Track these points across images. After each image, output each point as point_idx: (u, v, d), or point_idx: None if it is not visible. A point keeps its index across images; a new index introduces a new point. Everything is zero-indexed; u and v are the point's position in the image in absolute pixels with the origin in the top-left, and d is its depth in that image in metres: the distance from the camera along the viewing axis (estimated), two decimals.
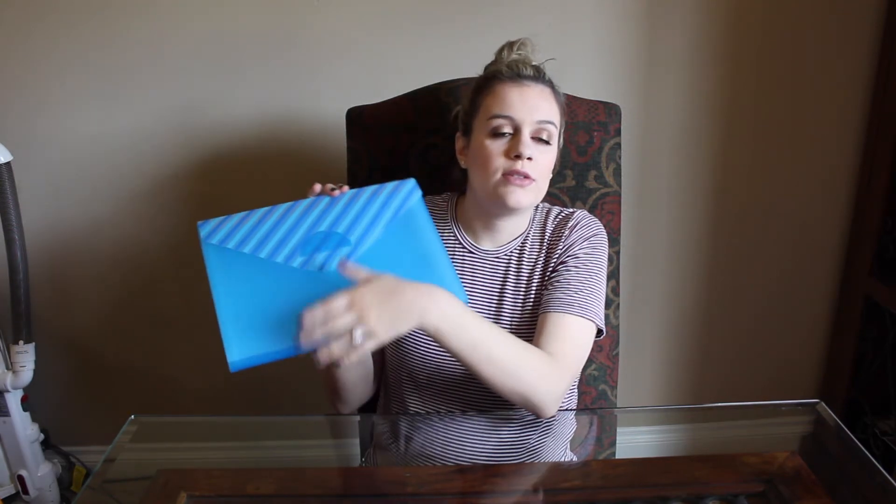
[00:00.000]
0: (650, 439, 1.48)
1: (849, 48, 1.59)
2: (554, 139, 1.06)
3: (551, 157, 1.06)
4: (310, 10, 1.53)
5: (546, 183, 1.08)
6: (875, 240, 1.63)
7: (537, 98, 1.04)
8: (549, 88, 1.07)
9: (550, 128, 1.04)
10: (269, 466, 1.11)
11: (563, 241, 1.09)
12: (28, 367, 1.56)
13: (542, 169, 1.05)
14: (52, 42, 1.54)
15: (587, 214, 1.13)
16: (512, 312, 1.09)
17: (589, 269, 1.07)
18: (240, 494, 1.00)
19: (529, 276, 1.10)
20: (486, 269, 1.11)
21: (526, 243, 1.12)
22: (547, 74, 1.08)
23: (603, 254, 1.11)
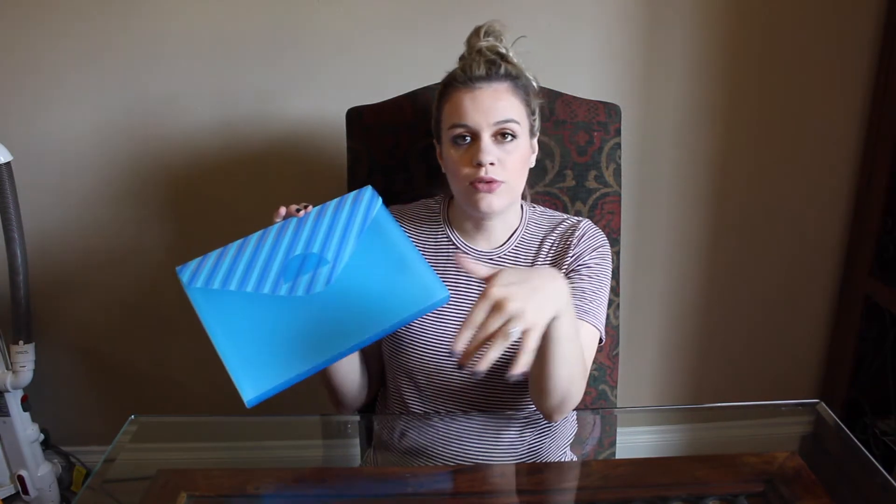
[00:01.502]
0: (650, 439, 1.48)
1: (849, 48, 1.59)
2: (520, 132, 1.04)
3: (520, 153, 1.04)
4: (310, 9, 1.53)
5: (520, 177, 1.06)
6: (875, 240, 1.63)
7: (491, 99, 1.02)
8: (507, 82, 1.04)
9: (511, 125, 1.02)
10: (269, 466, 1.11)
11: (571, 249, 1.10)
12: (28, 367, 1.56)
13: (510, 168, 1.03)
14: (53, 42, 1.54)
15: (591, 224, 1.14)
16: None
17: (599, 279, 1.09)
18: (240, 494, 1.00)
19: None
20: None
21: (522, 244, 1.12)
22: (505, 67, 1.04)
23: (609, 265, 1.12)
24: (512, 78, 1.04)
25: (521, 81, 1.05)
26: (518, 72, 1.05)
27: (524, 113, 1.05)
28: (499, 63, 1.04)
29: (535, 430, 1.10)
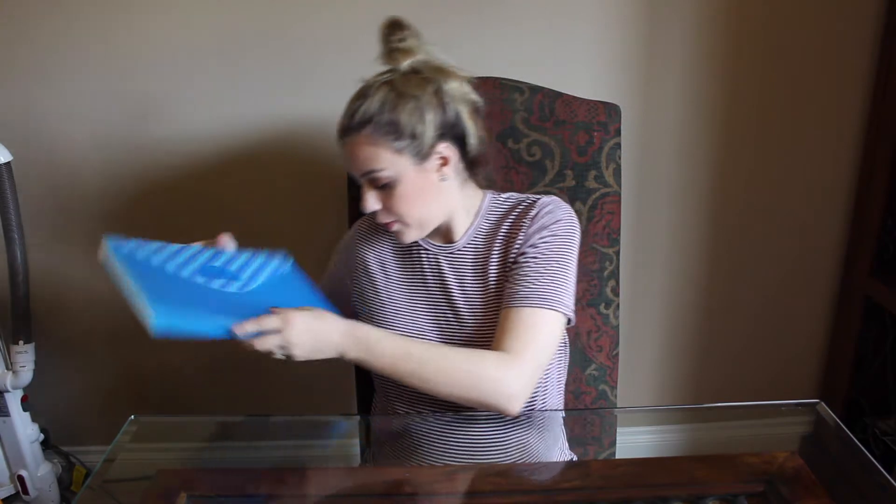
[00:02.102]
0: (650, 439, 1.48)
1: (849, 48, 1.59)
2: (394, 174, 0.99)
3: (403, 192, 1.01)
4: (309, 10, 1.53)
5: (418, 209, 1.03)
6: (875, 240, 1.63)
7: (355, 152, 1.01)
8: (362, 131, 0.99)
9: (376, 174, 1.00)
10: (269, 466, 1.11)
11: (522, 231, 1.05)
12: (28, 367, 1.56)
13: (396, 209, 1.02)
14: (53, 42, 1.54)
15: (552, 200, 1.08)
16: (473, 308, 1.07)
17: (549, 258, 1.03)
18: (240, 494, 1.00)
19: (484, 270, 1.08)
20: (441, 265, 1.10)
21: (478, 236, 1.10)
22: (359, 115, 0.99)
23: (567, 240, 1.06)
24: (366, 123, 0.99)
25: (379, 120, 0.98)
26: (371, 113, 0.98)
27: (389, 153, 0.99)
28: (353, 113, 1.00)
29: (517, 429, 1.09)
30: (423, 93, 0.99)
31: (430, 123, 1.00)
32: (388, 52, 1.03)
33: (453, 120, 1.02)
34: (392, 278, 1.13)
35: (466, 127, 1.04)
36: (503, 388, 0.96)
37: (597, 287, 1.33)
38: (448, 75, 1.02)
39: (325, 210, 1.65)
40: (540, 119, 1.30)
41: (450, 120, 1.02)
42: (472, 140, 1.05)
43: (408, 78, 1.00)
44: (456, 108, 1.02)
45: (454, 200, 1.08)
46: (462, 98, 1.03)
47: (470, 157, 1.06)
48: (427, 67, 1.02)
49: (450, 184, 1.05)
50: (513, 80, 1.31)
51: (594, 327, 1.35)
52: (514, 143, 1.30)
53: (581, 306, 1.34)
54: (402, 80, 1.00)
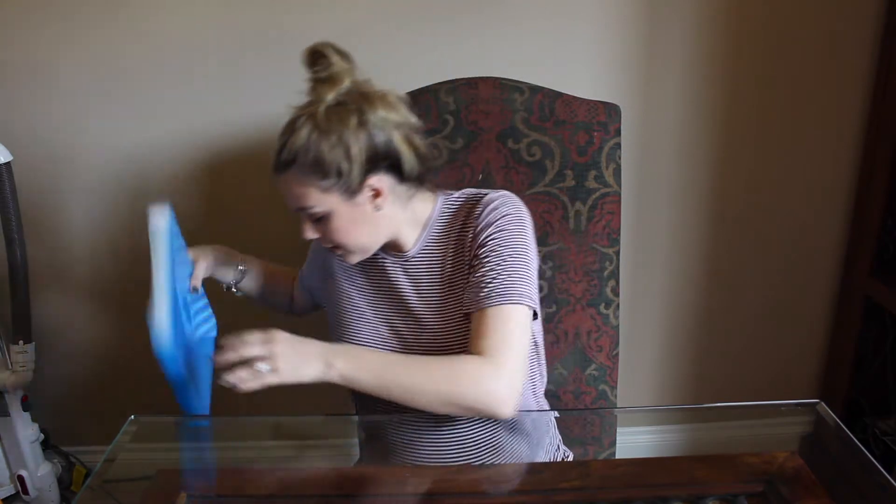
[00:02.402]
0: (650, 439, 1.48)
1: (849, 48, 1.59)
2: (325, 208, 0.99)
3: (338, 223, 1.00)
4: (309, 10, 1.53)
5: (356, 236, 1.02)
6: (875, 240, 1.63)
7: (285, 189, 1.00)
8: (288, 171, 0.98)
9: (309, 211, 1.00)
10: (269, 466, 1.11)
11: (470, 232, 1.04)
12: (28, 367, 1.56)
13: (335, 238, 1.02)
14: (53, 43, 1.54)
15: (499, 196, 1.06)
16: (432, 314, 1.07)
17: (501, 254, 1.01)
18: (240, 494, 1.00)
19: (441, 274, 1.07)
20: (398, 274, 1.10)
21: (430, 242, 1.09)
22: (284, 156, 0.98)
23: (517, 232, 1.03)
24: (291, 163, 0.97)
25: (304, 160, 0.97)
26: (295, 152, 0.97)
27: (317, 192, 0.98)
28: (280, 150, 0.99)
29: (491, 429, 1.09)
30: (346, 128, 0.95)
31: (356, 159, 0.96)
32: (311, 85, 1.00)
33: (383, 149, 0.98)
34: (355, 285, 1.14)
35: (400, 153, 0.99)
36: (490, 395, 0.95)
37: (597, 287, 1.33)
38: (374, 103, 0.98)
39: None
40: (540, 119, 1.30)
41: (379, 150, 0.98)
42: (408, 164, 1.01)
43: (331, 112, 0.96)
44: (386, 136, 0.98)
45: (396, 221, 1.05)
46: (392, 124, 0.99)
47: (410, 179, 1.03)
48: (352, 97, 0.98)
49: (387, 210, 1.03)
50: (513, 80, 1.31)
51: (594, 327, 1.35)
52: (514, 143, 1.30)
53: (581, 306, 1.34)
54: (325, 115, 0.96)
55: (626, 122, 1.35)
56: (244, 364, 0.92)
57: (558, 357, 1.35)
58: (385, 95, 1.00)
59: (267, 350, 0.92)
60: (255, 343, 0.92)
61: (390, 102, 1.00)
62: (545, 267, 1.33)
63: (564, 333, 1.34)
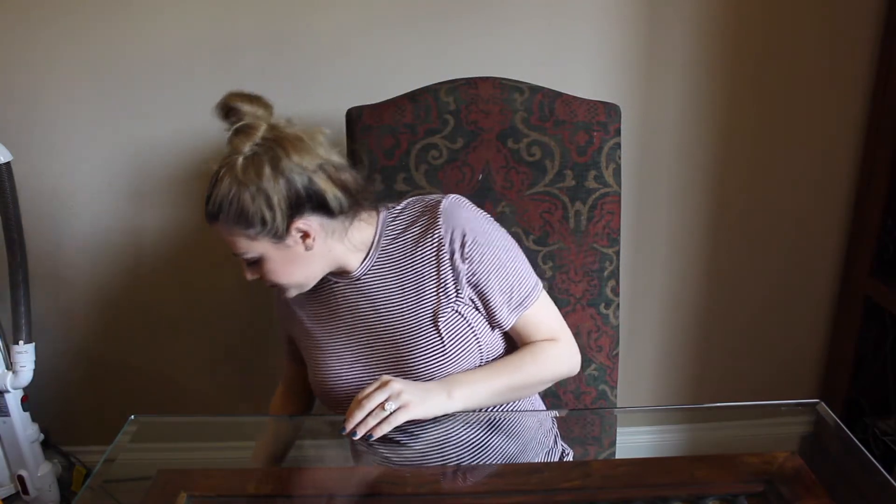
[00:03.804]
0: (650, 439, 1.48)
1: (849, 48, 1.59)
2: (258, 253, 1.01)
3: (269, 268, 1.02)
4: (309, 10, 1.52)
5: (293, 274, 1.04)
6: (875, 240, 1.63)
7: (220, 237, 1.02)
8: (217, 223, 1.00)
9: (245, 256, 1.01)
10: (268, 466, 1.11)
11: (437, 245, 1.05)
12: (28, 367, 1.56)
13: (271, 278, 1.03)
14: (53, 43, 1.54)
15: (448, 200, 1.07)
16: (395, 326, 1.07)
17: (499, 258, 1.07)
18: (240, 494, 1.00)
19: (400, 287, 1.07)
20: (352, 295, 1.10)
21: (381, 260, 1.09)
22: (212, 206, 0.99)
23: (491, 230, 1.08)
24: (217, 215, 0.99)
25: (228, 212, 0.98)
26: (219, 205, 0.98)
27: (245, 240, 1.00)
28: (206, 202, 1.01)
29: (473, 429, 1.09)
30: (263, 179, 0.96)
31: (278, 207, 0.97)
32: (228, 138, 1.00)
33: (305, 193, 0.99)
34: (313, 315, 1.14)
35: (323, 193, 1.00)
36: (572, 365, 1.14)
37: (597, 287, 1.34)
38: (288, 149, 0.98)
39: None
40: (540, 119, 1.30)
41: (300, 195, 0.98)
42: (335, 202, 1.01)
43: (248, 163, 0.97)
44: (305, 180, 0.98)
45: (334, 254, 1.06)
46: (311, 167, 0.99)
47: (341, 213, 1.03)
48: (268, 144, 0.98)
49: (320, 247, 1.03)
50: (513, 80, 1.31)
51: (594, 327, 1.35)
52: (514, 143, 1.30)
53: (581, 306, 1.34)
54: (242, 168, 0.97)
55: (626, 122, 1.35)
56: (371, 414, 0.96)
57: None
58: (299, 139, 0.99)
59: (387, 392, 0.96)
60: (373, 391, 0.97)
61: (306, 145, 0.99)
62: (545, 267, 1.33)
63: None
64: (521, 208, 1.32)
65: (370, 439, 0.96)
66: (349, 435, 0.96)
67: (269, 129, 1.00)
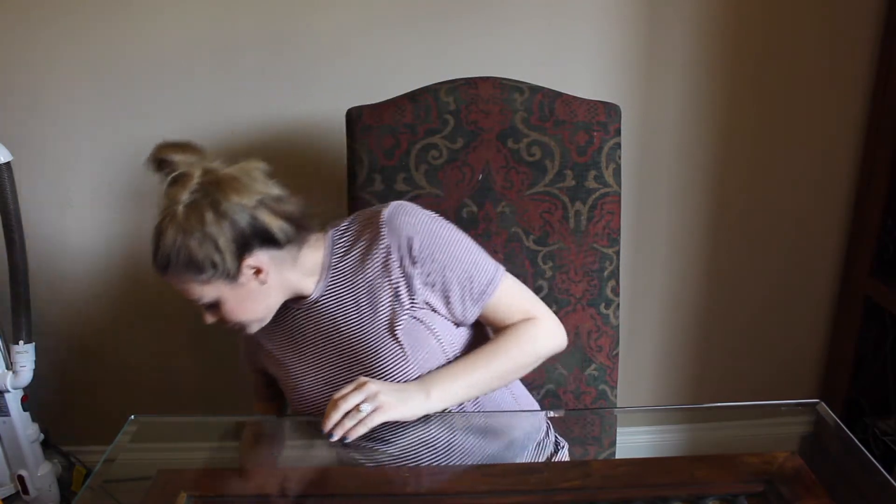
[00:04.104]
0: (650, 439, 1.48)
1: (849, 48, 1.59)
2: (213, 297, 1.01)
3: (227, 309, 1.03)
4: (309, 10, 1.53)
5: (251, 311, 1.04)
6: (875, 240, 1.63)
7: (174, 286, 1.02)
8: (169, 272, 1.00)
9: (201, 301, 1.02)
10: (268, 466, 1.11)
11: (384, 254, 1.05)
12: (28, 367, 1.56)
13: (232, 317, 1.04)
14: (53, 43, 1.54)
15: (391, 207, 1.08)
16: (359, 341, 1.07)
17: (452, 254, 1.06)
18: (240, 494, 1.00)
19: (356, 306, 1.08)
20: (312, 317, 1.11)
21: (334, 279, 1.09)
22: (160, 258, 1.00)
23: (438, 227, 1.07)
24: (167, 266, 1.00)
25: (176, 262, 0.99)
26: (167, 256, 0.99)
27: (198, 286, 1.00)
28: (154, 255, 1.02)
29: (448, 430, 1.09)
30: (206, 224, 0.97)
31: (226, 249, 0.98)
32: (164, 190, 1.01)
33: (250, 231, 0.99)
34: (279, 344, 1.14)
35: (268, 227, 1.00)
36: (552, 340, 1.11)
37: (597, 287, 1.34)
38: (226, 191, 0.98)
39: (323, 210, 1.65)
40: (540, 119, 1.30)
41: (246, 233, 0.99)
42: (281, 233, 1.02)
43: (189, 211, 0.97)
44: (248, 218, 0.99)
45: (289, 282, 1.06)
46: (251, 203, 0.99)
47: (288, 243, 1.03)
48: (205, 189, 0.98)
49: (274, 279, 1.04)
50: (513, 80, 1.31)
51: (594, 327, 1.35)
52: (514, 143, 1.30)
53: (581, 306, 1.34)
54: (183, 216, 0.97)
55: (626, 122, 1.35)
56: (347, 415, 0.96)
57: (558, 357, 1.35)
58: (235, 178, 0.99)
59: (364, 393, 0.97)
60: (349, 392, 0.97)
61: (242, 184, 0.99)
62: (545, 267, 1.33)
63: None
64: (521, 208, 1.32)
65: (346, 440, 0.96)
66: (327, 436, 0.96)
67: (203, 173, 0.99)
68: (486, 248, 1.24)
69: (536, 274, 1.33)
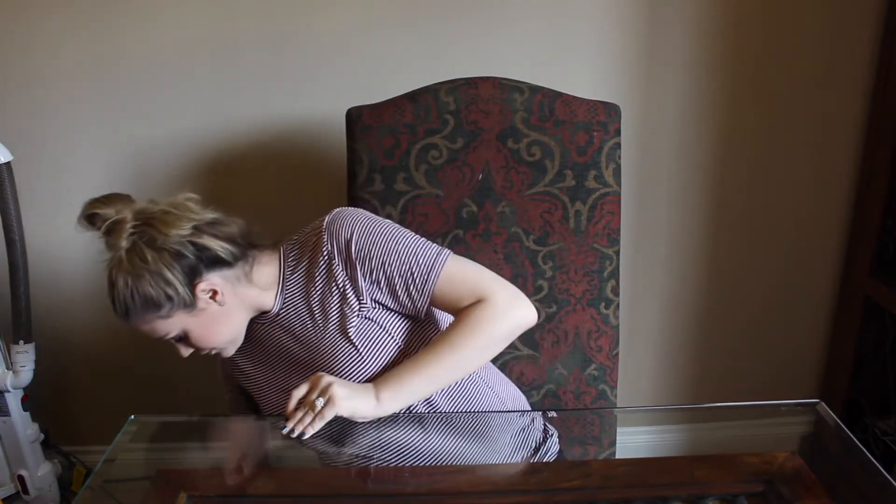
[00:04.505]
0: (650, 439, 1.48)
1: (849, 48, 1.59)
2: (178, 329, 1.03)
3: (196, 337, 1.05)
4: (309, 10, 1.53)
5: (216, 337, 1.06)
6: (875, 240, 1.63)
7: (141, 327, 1.04)
8: (132, 318, 1.02)
9: (169, 336, 1.04)
10: (268, 466, 1.11)
11: (328, 261, 1.06)
12: (28, 367, 1.56)
13: (203, 346, 1.06)
14: (53, 43, 1.54)
15: (332, 214, 1.09)
16: (324, 351, 1.07)
17: (388, 248, 1.05)
18: (240, 494, 1.00)
19: (311, 317, 1.08)
20: (276, 331, 1.12)
21: (289, 292, 1.10)
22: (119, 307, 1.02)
23: (373, 225, 1.07)
24: (127, 314, 1.02)
25: (134, 307, 1.01)
26: (124, 304, 1.01)
27: (161, 322, 1.02)
28: (113, 306, 1.04)
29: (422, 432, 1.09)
30: (148, 263, 0.98)
31: (175, 281, 0.99)
32: (104, 243, 1.02)
33: (194, 258, 1.00)
34: (251, 358, 1.16)
35: (212, 250, 1.01)
36: (510, 318, 1.04)
37: (597, 287, 1.34)
38: (159, 227, 0.99)
39: (324, 210, 1.65)
40: (540, 119, 1.30)
41: (191, 261, 1.00)
42: (225, 253, 1.03)
43: (131, 254, 0.99)
44: (192, 245, 1.00)
45: (249, 299, 1.07)
46: (188, 231, 1.00)
47: (236, 260, 1.05)
48: (141, 230, 1.00)
49: (232, 298, 1.05)
50: (513, 80, 1.31)
51: (594, 327, 1.35)
52: (514, 143, 1.30)
53: (581, 306, 1.34)
54: (128, 261, 0.99)
55: (626, 122, 1.35)
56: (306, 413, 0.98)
57: (558, 357, 1.35)
58: (167, 213, 1.01)
59: (318, 387, 0.98)
60: (304, 387, 0.99)
61: (175, 216, 1.01)
62: (545, 267, 1.33)
63: (564, 333, 1.34)
64: (521, 208, 1.32)
65: (303, 437, 0.97)
66: (288, 435, 0.98)
67: (134, 216, 1.01)
68: (486, 248, 1.25)
69: (536, 274, 1.33)
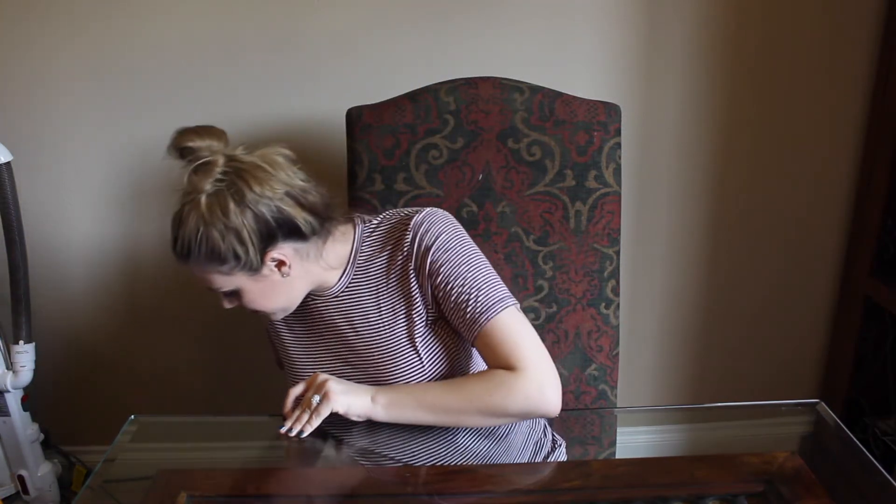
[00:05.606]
0: (650, 439, 1.48)
1: (849, 48, 1.59)
2: (234, 286, 1.00)
3: (248, 298, 1.02)
4: (309, 10, 1.53)
5: (270, 303, 1.03)
6: (875, 240, 1.63)
7: (196, 273, 1.00)
8: (190, 261, 0.97)
9: (221, 290, 1.01)
10: (269, 466, 1.11)
11: (404, 261, 1.04)
12: (28, 367, 1.56)
13: (253, 306, 1.03)
14: (53, 43, 1.54)
15: (424, 214, 1.05)
16: (370, 345, 1.07)
17: (460, 273, 1.02)
18: (240, 494, 1.00)
19: (377, 305, 1.07)
20: (331, 311, 1.10)
21: (358, 276, 1.08)
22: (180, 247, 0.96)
23: (459, 245, 1.04)
24: (187, 255, 0.97)
25: (198, 253, 0.96)
26: (187, 245, 0.96)
27: (220, 276, 0.99)
28: (174, 243, 0.98)
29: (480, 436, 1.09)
30: (230, 216, 0.94)
31: (249, 241, 0.95)
32: (187, 177, 0.97)
33: (274, 222, 0.97)
34: (294, 332, 1.14)
35: (293, 218, 0.98)
36: (529, 400, 0.99)
37: (597, 287, 1.34)
38: (250, 181, 0.95)
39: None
40: (540, 119, 1.30)
41: (270, 225, 0.96)
42: (306, 225, 0.99)
43: (211, 201, 0.94)
44: (272, 209, 0.96)
45: (312, 275, 1.05)
46: (277, 195, 0.97)
47: (313, 235, 1.02)
48: (229, 178, 0.95)
49: (297, 272, 1.02)
50: (513, 80, 1.31)
51: (594, 327, 1.35)
52: (514, 142, 1.30)
53: (581, 306, 1.34)
54: (207, 207, 0.94)
55: (626, 122, 1.35)
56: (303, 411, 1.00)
57: (558, 357, 1.35)
58: (260, 168, 0.96)
59: (315, 385, 1.00)
60: (301, 386, 1.02)
61: (267, 173, 0.97)
62: (545, 267, 1.33)
63: (565, 333, 1.34)
64: (522, 208, 1.32)
65: (302, 435, 0.98)
66: (287, 433, 1.00)
67: (226, 161, 0.96)
68: (487, 248, 1.25)
69: (536, 274, 1.33)
